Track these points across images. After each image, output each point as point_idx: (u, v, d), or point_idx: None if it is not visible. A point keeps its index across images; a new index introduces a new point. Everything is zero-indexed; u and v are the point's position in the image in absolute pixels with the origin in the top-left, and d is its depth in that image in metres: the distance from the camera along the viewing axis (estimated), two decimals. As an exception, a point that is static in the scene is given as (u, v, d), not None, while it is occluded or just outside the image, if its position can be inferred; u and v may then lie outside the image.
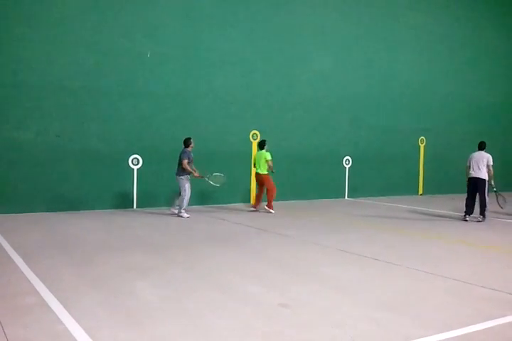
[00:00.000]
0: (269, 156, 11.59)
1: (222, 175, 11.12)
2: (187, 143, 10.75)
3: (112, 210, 11.39)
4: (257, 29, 13.40)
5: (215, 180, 11.06)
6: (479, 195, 10.80)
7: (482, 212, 10.88)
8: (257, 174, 11.81)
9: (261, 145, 11.79)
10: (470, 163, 10.98)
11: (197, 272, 6.08)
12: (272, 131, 13.61)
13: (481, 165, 10.79)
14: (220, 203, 12.71)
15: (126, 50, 11.64)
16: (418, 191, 16.85)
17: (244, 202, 13.32)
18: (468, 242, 8.41)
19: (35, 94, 10.78)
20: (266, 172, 11.64)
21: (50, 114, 10.93)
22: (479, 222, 10.76)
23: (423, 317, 4.57)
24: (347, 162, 15.27)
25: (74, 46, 11.11)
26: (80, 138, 11.23)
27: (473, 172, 10.86)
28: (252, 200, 12.96)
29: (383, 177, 15.83)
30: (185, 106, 12.45)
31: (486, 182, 10.79)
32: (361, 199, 14.89)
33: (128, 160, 11.74)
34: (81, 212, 11.07)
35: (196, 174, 10.72)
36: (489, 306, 4.92)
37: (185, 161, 10.53)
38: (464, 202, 11.11)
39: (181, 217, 10.54)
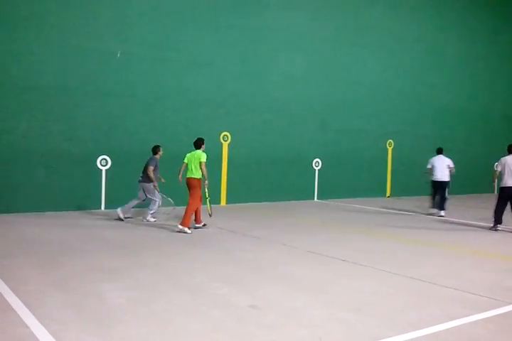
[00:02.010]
0: (204, 158, 9.17)
1: (172, 201, 10.23)
2: (155, 150, 10.31)
3: (80, 211, 11.21)
4: (227, 31, 13.39)
5: (166, 201, 10.36)
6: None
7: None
8: (187, 179, 9.31)
9: (197, 144, 9.43)
10: (504, 169, 10.17)
11: (165, 274, 6.03)
12: (242, 132, 13.63)
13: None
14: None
15: (94, 49, 11.47)
16: (386, 193, 17.09)
17: (214, 203, 13.22)
18: (434, 243, 8.57)
19: (1, 94, 10.53)
20: (199, 177, 9.21)
21: (15, 114, 10.70)
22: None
23: (390, 318, 4.63)
24: (316, 164, 15.39)
25: (40, 45, 10.90)
26: (47, 139, 11.02)
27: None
28: (223, 202, 12.93)
29: (352, 179, 16.00)
30: (154, 107, 12.34)
31: None
32: (330, 201, 15.02)
33: (96, 161, 11.57)
34: (47, 213, 10.86)
35: (156, 184, 10.10)
36: (453, 306, 5.02)
37: (151, 168, 10.01)
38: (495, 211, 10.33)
39: (148, 221, 10.21)
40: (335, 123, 15.60)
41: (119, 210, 10.19)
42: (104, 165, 11.67)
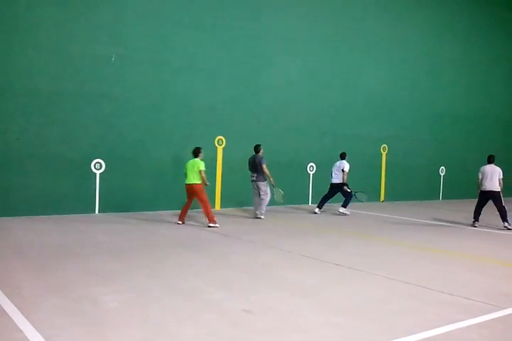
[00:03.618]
0: (202, 166, 10.32)
1: (282, 192, 11.70)
2: (258, 149, 11.70)
3: (74, 215, 11.16)
4: (224, 34, 13.41)
5: (279, 195, 11.70)
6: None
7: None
8: (187, 185, 10.34)
9: (195, 153, 10.54)
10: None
11: (160, 278, 6.01)
12: (237, 136, 13.63)
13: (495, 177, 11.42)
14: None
15: (89, 53, 11.46)
16: (380, 198, 17.12)
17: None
18: (428, 248, 8.59)
19: (-5, 96, 10.53)
20: (199, 182, 10.30)
21: (9, 116, 10.66)
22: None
23: (385, 322, 4.64)
24: (311, 168, 15.41)
25: (35, 49, 10.87)
26: (41, 142, 10.98)
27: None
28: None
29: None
30: (149, 111, 12.33)
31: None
32: (325, 206, 15.01)
33: (90, 164, 11.54)
34: (42, 217, 10.81)
35: (272, 180, 11.49)
36: (448, 311, 5.03)
37: (265, 165, 11.40)
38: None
39: (260, 218, 11.51)
40: (329, 128, 15.62)
41: (259, 214, 11.60)
42: (98, 169, 11.64)
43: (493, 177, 11.36)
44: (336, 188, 13.39)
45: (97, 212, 11.64)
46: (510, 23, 20.91)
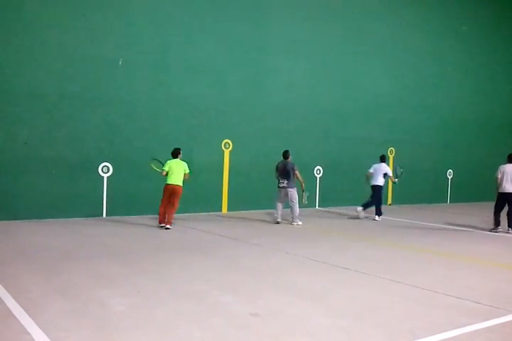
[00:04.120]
0: (187, 168, 10.37)
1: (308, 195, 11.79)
2: (287, 154, 11.44)
3: (81, 219, 11.21)
4: (229, 38, 13.45)
5: (305, 198, 11.73)
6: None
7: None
8: (172, 185, 10.17)
9: (176, 154, 10.37)
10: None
11: (167, 281, 6.03)
12: (243, 140, 13.65)
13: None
14: (190, 212, 12.61)
15: (96, 56, 11.53)
16: (387, 201, 17.07)
17: (215, 210, 13.27)
18: (435, 251, 8.56)
19: (3, 100, 10.56)
20: (182, 184, 10.27)
21: (18, 120, 10.72)
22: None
23: (391, 326, 4.62)
24: (318, 172, 15.39)
25: (43, 52, 10.95)
26: (49, 146, 11.04)
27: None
28: (226, 210, 12.91)
29: (353, 187, 15.97)
30: (156, 114, 12.38)
31: None
32: (331, 209, 15.01)
33: (98, 168, 11.59)
34: (49, 220, 10.86)
35: (303, 185, 11.55)
36: (455, 314, 5.01)
37: (298, 171, 11.32)
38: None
39: (298, 224, 11.29)
40: (336, 131, 15.61)
41: (297, 221, 11.38)
42: (105, 172, 11.69)
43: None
44: (380, 190, 13.17)
45: (104, 215, 11.68)
46: (517, 25, 20.83)
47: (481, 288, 6.12)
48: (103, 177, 11.67)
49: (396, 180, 13.35)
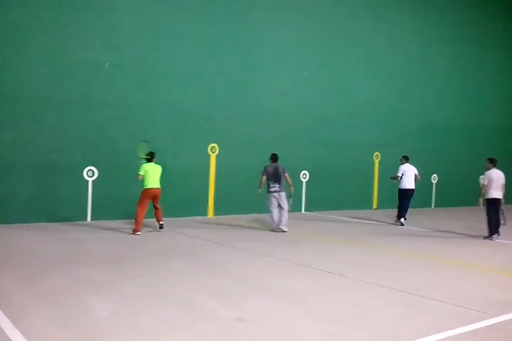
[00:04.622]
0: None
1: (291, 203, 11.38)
2: (277, 157, 11.22)
3: (65, 223, 11.11)
4: (217, 43, 13.46)
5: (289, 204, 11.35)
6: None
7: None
8: (154, 189, 10.08)
9: (151, 157, 10.26)
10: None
11: (152, 286, 5.99)
12: (230, 144, 13.64)
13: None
14: (176, 216, 12.57)
15: (82, 60, 11.46)
16: (372, 205, 17.16)
17: (201, 215, 13.23)
18: (420, 255, 8.61)
19: (-13, 103, 10.49)
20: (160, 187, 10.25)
21: (1, 123, 10.62)
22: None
23: (377, 330, 4.64)
24: (304, 176, 15.43)
25: (29, 55, 10.87)
26: (32, 149, 10.94)
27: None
28: (211, 212, 12.86)
29: (339, 191, 16.05)
30: (142, 118, 12.33)
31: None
32: (317, 213, 15.05)
33: (83, 171, 11.51)
34: (32, 224, 10.74)
35: (292, 189, 11.24)
36: (439, 318, 5.04)
37: (288, 174, 11.13)
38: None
39: (285, 231, 10.89)
40: (322, 136, 15.68)
41: (284, 227, 10.93)
42: (90, 176, 11.61)
43: (499, 183, 10.63)
44: (412, 193, 12.91)
45: (89, 219, 11.59)
46: (501, 31, 21.11)
47: (466, 292, 6.17)
48: (88, 181, 11.58)
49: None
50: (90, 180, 11.60)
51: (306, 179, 15.46)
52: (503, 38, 21.28)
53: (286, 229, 10.95)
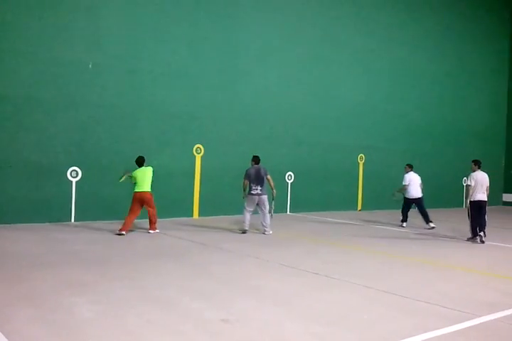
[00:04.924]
0: (151, 172, 10.41)
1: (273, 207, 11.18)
2: (259, 159, 11.02)
3: (49, 224, 10.99)
4: (202, 43, 13.44)
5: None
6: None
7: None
8: (142, 193, 10.15)
9: (142, 162, 10.38)
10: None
11: (137, 288, 5.94)
12: (215, 145, 13.63)
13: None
14: (162, 217, 12.48)
15: (66, 59, 11.37)
16: (357, 207, 17.25)
17: (187, 216, 13.18)
18: (405, 256, 8.67)
19: (-31, 102, 10.35)
20: (149, 190, 10.29)
21: (-16, 123, 10.51)
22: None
23: (363, 331, 4.65)
24: (289, 177, 15.46)
25: (12, 55, 10.75)
26: (15, 149, 10.82)
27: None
28: (199, 214, 12.84)
29: (324, 192, 16.12)
30: (127, 119, 12.26)
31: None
32: (302, 214, 15.08)
33: (66, 172, 11.40)
34: (15, 225, 10.60)
35: (275, 192, 11.06)
36: (424, 319, 5.07)
37: (270, 177, 10.94)
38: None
39: (269, 233, 10.78)
40: (307, 137, 15.73)
41: (268, 230, 10.83)
42: (74, 177, 11.50)
43: (483, 185, 10.63)
44: (419, 201, 12.92)
45: (73, 220, 11.48)
46: (483, 36, 21.40)
47: (450, 293, 6.22)
48: (72, 181, 11.48)
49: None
50: (74, 180, 11.50)
51: (292, 180, 15.49)
52: (487, 42, 21.58)
53: (270, 232, 10.84)
